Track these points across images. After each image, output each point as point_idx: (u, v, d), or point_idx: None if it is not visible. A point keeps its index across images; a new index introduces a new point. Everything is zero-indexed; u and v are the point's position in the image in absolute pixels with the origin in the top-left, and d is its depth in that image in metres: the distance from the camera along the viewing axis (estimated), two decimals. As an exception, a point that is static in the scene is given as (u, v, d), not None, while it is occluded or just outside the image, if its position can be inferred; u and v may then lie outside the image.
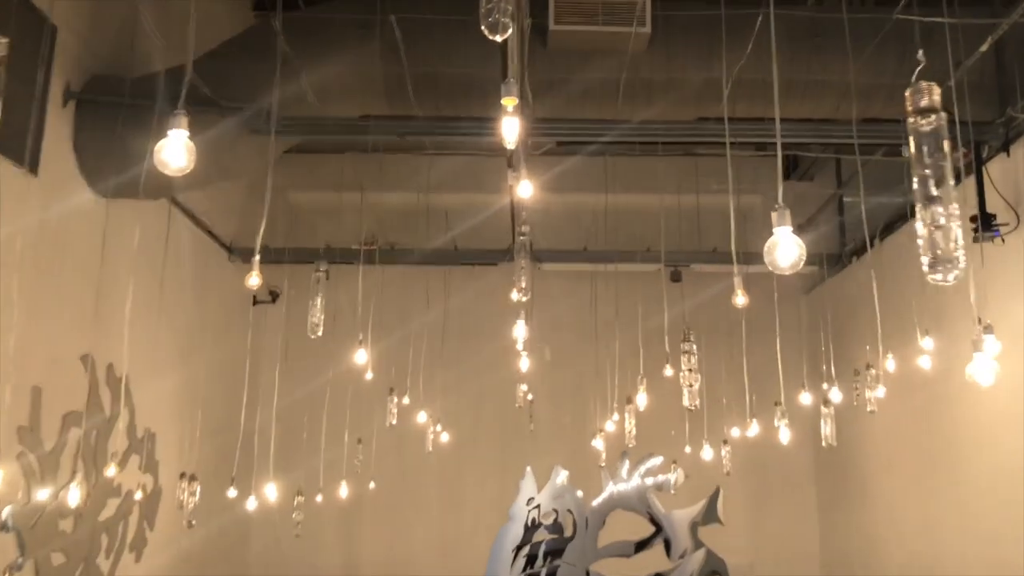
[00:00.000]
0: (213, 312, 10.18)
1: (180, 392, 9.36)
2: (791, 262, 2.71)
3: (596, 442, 9.18)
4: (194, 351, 9.75)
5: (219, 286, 10.38)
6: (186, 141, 3.42)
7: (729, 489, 10.61)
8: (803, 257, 2.67)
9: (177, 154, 3.42)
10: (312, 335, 4.97)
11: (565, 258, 11.24)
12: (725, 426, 9.42)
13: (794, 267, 2.64)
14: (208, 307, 10.10)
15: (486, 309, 11.34)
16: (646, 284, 10.56)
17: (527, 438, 11.55)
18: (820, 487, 12.18)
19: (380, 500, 11.66)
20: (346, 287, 11.33)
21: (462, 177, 12.42)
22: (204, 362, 9.80)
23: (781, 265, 2.74)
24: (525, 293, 4.08)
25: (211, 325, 10.05)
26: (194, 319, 9.82)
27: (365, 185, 11.70)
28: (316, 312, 4.89)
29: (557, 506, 10.43)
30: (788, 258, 2.73)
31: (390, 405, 7.37)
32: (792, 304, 12.26)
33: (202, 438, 9.79)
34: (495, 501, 10.99)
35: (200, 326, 9.95)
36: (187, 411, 9.47)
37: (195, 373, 9.64)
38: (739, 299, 4.91)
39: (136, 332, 8.37)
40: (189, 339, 9.68)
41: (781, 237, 2.74)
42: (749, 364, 10.33)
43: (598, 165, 11.86)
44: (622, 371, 9.54)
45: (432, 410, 9.70)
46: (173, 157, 3.42)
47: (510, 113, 2.46)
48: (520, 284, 4.09)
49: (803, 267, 10.64)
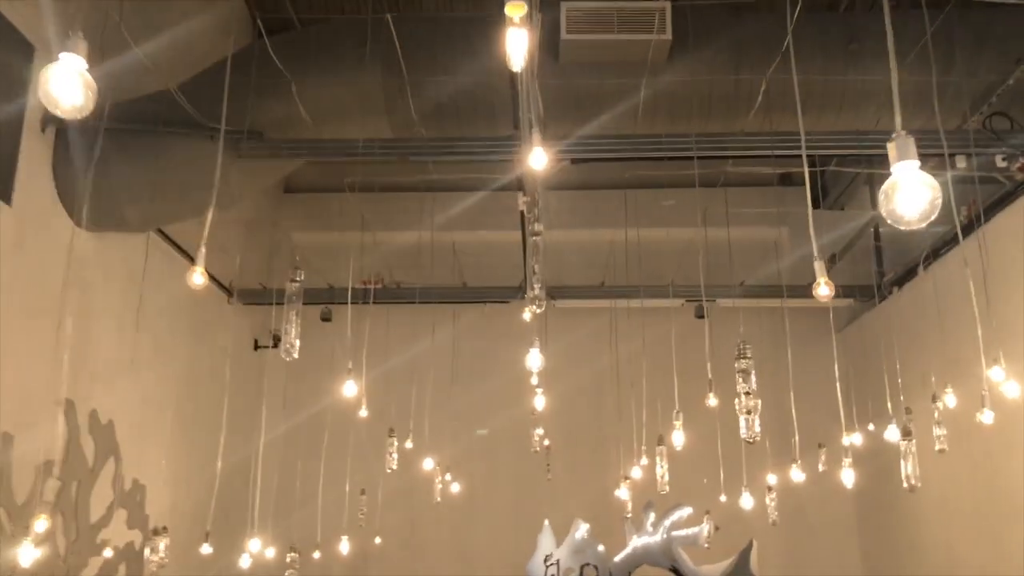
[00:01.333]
0: (211, 357, 9.59)
1: (174, 441, 8.73)
2: (920, 211, 1.92)
3: (621, 491, 8.42)
4: (189, 398, 9.15)
5: (217, 330, 9.81)
6: (83, 72, 2.50)
7: (764, 540, 9.88)
8: (936, 204, 1.88)
9: (68, 86, 2.45)
10: (287, 357, 4.37)
11: (581, 294, 10.62)
12: (762, 471, 8.66)
13: (924, 218, 1.90)
14: (206, 351, 9.52)
15: (498, 350, 10.70)
16: (668, 321, 9.89)
17: (544, 487, 10.81)
18: (863, 536, 11.30)
19: (387, 555, 10.94)
20: (351, 328, 10.80)
21: (471, 215, 11.92)
22: (200, 409, 9.19)
23: (907, 216, 1.93)
24: (539, 305, 3.45)
25: (208, 370, 9.45)
26: (190, 364, 9.25)
27: (371, 225, 11.22)
28: (292, 329, 4.29)
29: (578, 562, 9.74)
30: (916, 205, 1.91)
31: (390, 448, 6.71)
32: (825, 345, 11.54)
33: (197, 490, 9.15)
34: (509, 556, 10.29)
35: (196, 371, 9.37)
36: (182, 462, 8.84)
37: (190, 421, 9.03)
38: (822, 289, 3.86)
39: (125, 377, 7.80)
40: (185, 385, 9.10)
41: (903, 176, 1.92)
42: (783, 407, 9.64)
43: (613, 200, 11.34)
44: (648, 412, 8.84)
45: (441, 457, 9.01)
46: (64, 90, 2.47)
47: (516, 24, 1.89)
48: (533, 292, 3.47)
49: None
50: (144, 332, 8.21)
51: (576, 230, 11.86)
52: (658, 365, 9.52)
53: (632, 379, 9.06)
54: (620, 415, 8.79)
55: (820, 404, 8.79)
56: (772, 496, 7.95)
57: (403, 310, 10.45)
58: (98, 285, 7.19)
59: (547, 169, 7.65)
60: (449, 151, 6.69)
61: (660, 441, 6.37)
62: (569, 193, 12.06)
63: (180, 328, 8.75)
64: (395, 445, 6.79)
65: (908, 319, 9.47)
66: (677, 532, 9.99)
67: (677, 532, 9.99)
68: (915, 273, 9.36)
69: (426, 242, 10.98)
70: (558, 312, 11.10)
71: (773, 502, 7.91)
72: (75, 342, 6.81)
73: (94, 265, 7.12)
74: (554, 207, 11.58)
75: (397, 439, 6.86)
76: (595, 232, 11.65)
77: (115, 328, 7.51)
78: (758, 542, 9.74)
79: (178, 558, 8.70)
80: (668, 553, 9.93)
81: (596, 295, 10.47)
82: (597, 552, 9.83)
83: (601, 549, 9.85)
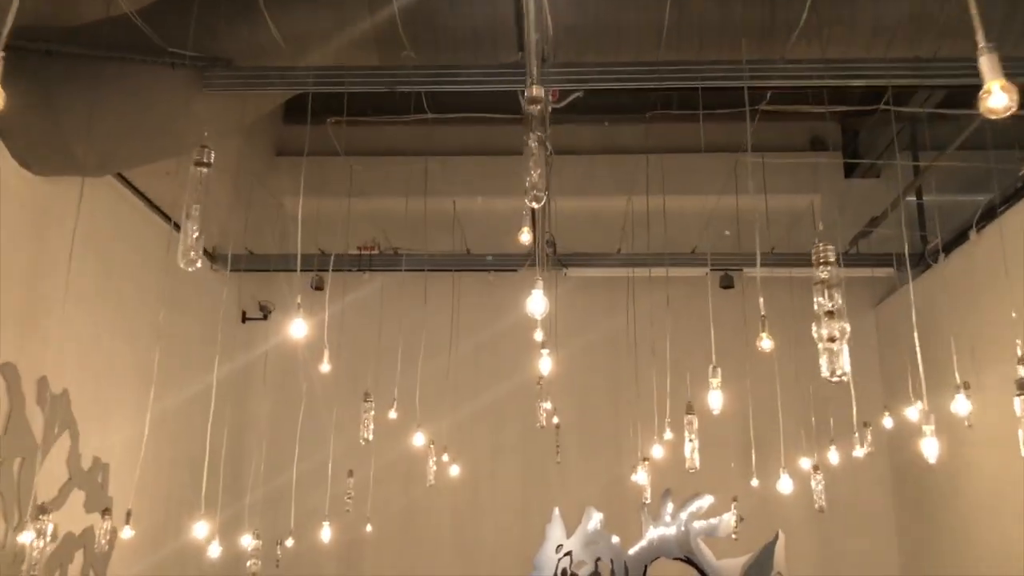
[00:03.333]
0: (190, 326, 8.78)
1: (144, 416, 7.92)
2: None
3: (639, 475, 7.57)
4: (163, 370, 8.33)
5: (198, 297, 8.99)
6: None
7: (793, 532, 9.06)
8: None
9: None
10: (187, 267, 3.49)
11: (596, 262, 9.74)
12: (792, 455, 7.78)
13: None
14: (184, 320, 8.70)
15: (504, 323, 9.87)
16: (691, 292, 9.02)
17: (553, 471, 10.02)
18: (902, 530, 10.38)
19: (382, 545, 10.19)
20: (343, 298, 9.98)
21: (475, 180, 11.10)
22: (177, 383, 8.39)
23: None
24: (539, 199, 2.53)
25: (187, 341, 8.64)
26: (164, 333, 8.42)
27: (369, 190, 10.42)
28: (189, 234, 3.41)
29: (590, 555, 9.00)
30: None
31: (365, 415, 5.84)
32: (860, 319, 10.72)
33: (170, 471, 8.36)
34: (516, 547, 9.58)
35: (172, 342, 8.55)
36: (153, 439, 8.02)
37: (163, 396, 8.21)
38: None
39: (85, 343, 7.00)
40: (160, 356, 8.27)
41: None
42: (814, 386, 8.82)
43: (630, 165, 10.48)
44: (670, 385, 7.98)
45: (436, 436, 8.17)
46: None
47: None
48: (534, 177, 2.53)
49: (878, 269, 8.59)
50: (108, 295, 7.42)
51: (590, 197, 10.99)
52: (680, 339, 8.69)
53: (652, 353, 8.16)
54: (639, 392, 7.91)
55: (859, 385, 7.96)
56: (818, 479, 7.01)
57: (400, 279, 9.63)
58: (51, 238, 6.37)
59: (554, 101, 6.79)
60: (444, 79, 5.82)
61: (689, 409, 5.44)
62: (585, 158, 11.26)
63: (151, 293, 7.93)
64: (372, 412, 5.90)
65: (958, 288, 8.54)
66: (698, 523, 9.27)
67: (698, 523, 9.27)
68: (966, 238, 8.45)
69: (426, 209, 10.16)
70: (570, 283, 10.25)
71: (820, 485, 6.99)
72: (21, 302, 6.01)
73: (46, 214, 6.31)
74: (567, 172, 10.75)
75: (375, 404, 5.95)
76: (610, 200, 10.77)
77: (73, 289, 6.69)
78: (788, 534, 8.94)
79: (150, 543, 7.95)
80: (686, 545, 9.18)
81: (612, 263, 9.59)
82: (611, 544, 9.12)
83: (615, 541, 9.13)
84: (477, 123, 11.11)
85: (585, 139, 11.41)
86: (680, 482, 7.88)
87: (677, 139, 10.91)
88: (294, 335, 5.14)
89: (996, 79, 1.93)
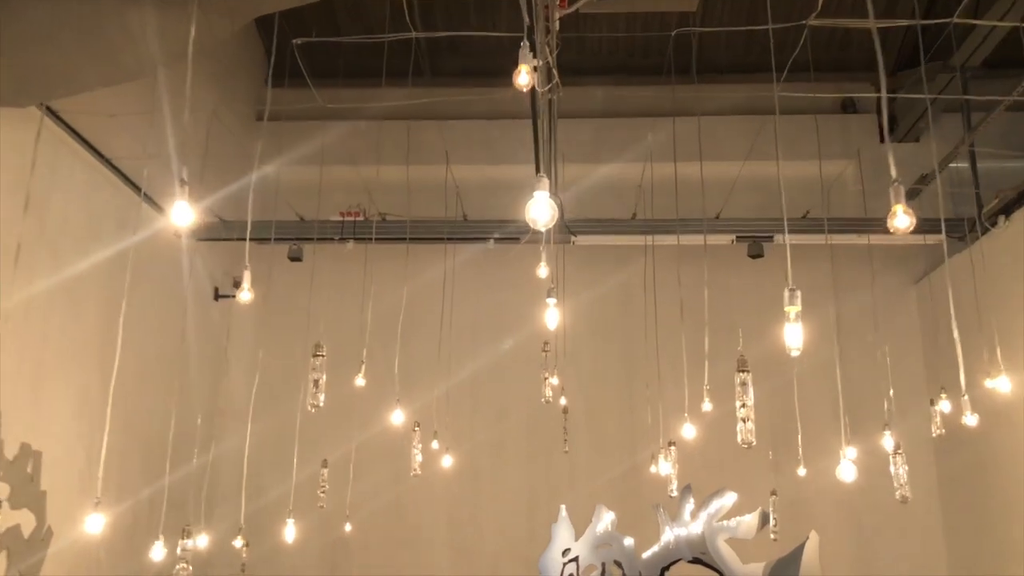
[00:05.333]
0: (152, 301, 7.80)
1: (87, 399, 6.93)
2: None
3: (663, 465, 6.59)
4: (114, 347, 7.35)
5: (160, 268, 8.00)
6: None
7: (828, 529, 8.31)
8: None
9: None
10: None
11: (608, 228, 8.75)
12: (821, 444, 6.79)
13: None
14: (145, 294, 7.73)
15: (507, 298, 8.89)
16: (713, 265, 8.05)
17: (561, 463, 9.10)
18: (951, 532, 9.35)
19: (369, 546, 9.32)
20: (324, 271, 9.01)
21: (475, 146, 10.17)
22: (133, 363, 7.40)
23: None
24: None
25: (143, 314, 7.66)
26: (119, 306, 7.44)
27: (357, 158, 9.47)
28: None
29: (600, 558, 8.11)
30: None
31: (313, 372, 4.75)
32: (899, 297, 9.74)
33: (120, 461, 7.35)
34: (519, 550, 8.78)
35: (129, 316, 7.55)
36: (100, 426, 7.03)
37: (117, 377, 7.22)
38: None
39: (12, 312, 6.00)
40: (109, 332, 7.28)
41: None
42: (850, 371, 7.88)
43: (643, 129, 9.55)
44: (689, 372, 7.01)
45: (427, 421, 7.19)
46: None
47: None
48: None
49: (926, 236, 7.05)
50: (42, 258, 6.41)
51: (601, 164, 10.08)
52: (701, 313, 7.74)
53: (681, 317, 7.17)
54: (659, 373, 6.91)
55: (899, 369, 7.05)
56: (899, 456, 5.86)
57: (388, 250, 8.65)
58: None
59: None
60: None
61: (741, 366, 4.38)
62: (592, 122, 10.46)
63: (100, 257, 6.95)
64: (319, 365, 4.82)
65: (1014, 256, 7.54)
66: (724, 523, 8.40)
67: (724, 523, 8.40)
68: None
69: (419, 176, 9.22)
70: (579, 253, 9.26)
71: (903, 468, 5.89)
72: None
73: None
74: (575, 138, 9.80)
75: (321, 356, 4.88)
76: (623, 167, 9.84)
77: None
78: (826, 534, 7.99)
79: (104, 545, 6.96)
80: (699, 545, 8.32)
81: (626, 230, 8.58)
82: (623, 547, 8.23)
83: (628, 543, 8.23)
84: (475, 85, 10.24)
85: (594, 102, 10.50)
86: (711, 473, 6.89)
87: (695, 102, 9.98)
88: (242, 300, 4.91)
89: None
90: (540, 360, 6.16)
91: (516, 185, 9.57)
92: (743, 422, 4.07)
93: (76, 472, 6.71)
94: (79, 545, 6.52)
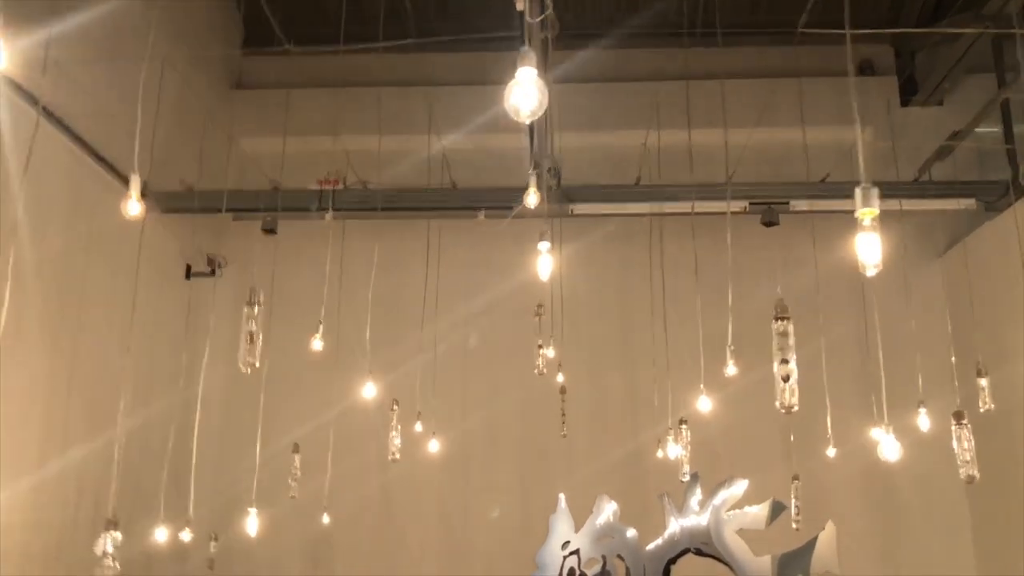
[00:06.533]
0: (110, 276, 7.28)
1: (43, 379, 6.43)
2: None
3: (672, 448, 6.09)
4: (70, 332, 6.85)
5: (121, 242, 7.46)
6: None
7: (846, 521, 7.66)
8: None
9: None
10: None
11: (609, 196, 8.22)
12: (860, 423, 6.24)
13: None
14: (103, 269, 7.20)
15: (499, 273, 8.38)
16: (722, 237, 7.56)
17: (559, 448, 8.58)
18: (979, 527, 8.84)
19: (355, 542, 8.95)
20: (300, 246, 8.45)
21: (465, 114, 9.64)
22: (88, 348, 6.92)
23: None
24: None
25: (103, 295, 7.15)
26: (72, 282, 6.93)
27: (341, 128, 8.93)
28: None
29: (602, 551, 7.79)
30: None
31: (247, 322, 4.12)
32: (924, 270, 9.22)
33: (77, 463, 6.82)
34: (515, 542, 8.38)
35: (85, 294, 7.05)
36: (55, 422, 6.51)
37: (69, 365, 6.73)
38: None
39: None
40: (61, 312, 6.76)
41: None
42: (865, 352, 7.38)
43: (646, 95, 9.04)
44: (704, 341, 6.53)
45: (410, 401, 6.69)
46: None
47: None
48: None
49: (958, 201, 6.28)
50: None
51: (600, 132, 9.72)
52: (712, 285, 7.21)
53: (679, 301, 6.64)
54: (666, 343, 6.36)
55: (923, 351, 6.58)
56: (964, 427, 5.17)
57: (372, 224, 8.14)
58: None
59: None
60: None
61: (780, 311, 3.62)
62: (591, 87, 9.94)
63: (53, 230, 6.41)
64: (255, 333, 4.19)
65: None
66: (731, 513, 7.94)
67: (731, 513, 7.94)
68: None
69: (404, 146, 8.71)
70: (577, 225, 8.72)
71: (969, 443, 5.21)
72: None
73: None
74: (573, 104, 9.26)
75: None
76: (624, 134, 9.43)
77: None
78: (841, 525, 7.46)
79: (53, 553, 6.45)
80: (702, 535, 7.91)
81: (629, 197, 8.04)
82: (626, 539, 7.82)
83: (631, 535, 7.80)
84: (465, 50, 9.78)
85: (593, 66, 9.97)
86: (723, 457, 6.36)
87: (699, 65, 9.48)
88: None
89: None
90: (534, 326, 5.63)
91: (510, 156, 9.18)
92: (783, 381, 3.41)
93: (30, 459, 6.21)
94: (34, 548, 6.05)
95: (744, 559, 8.16)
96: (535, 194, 3.98)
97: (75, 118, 6.81)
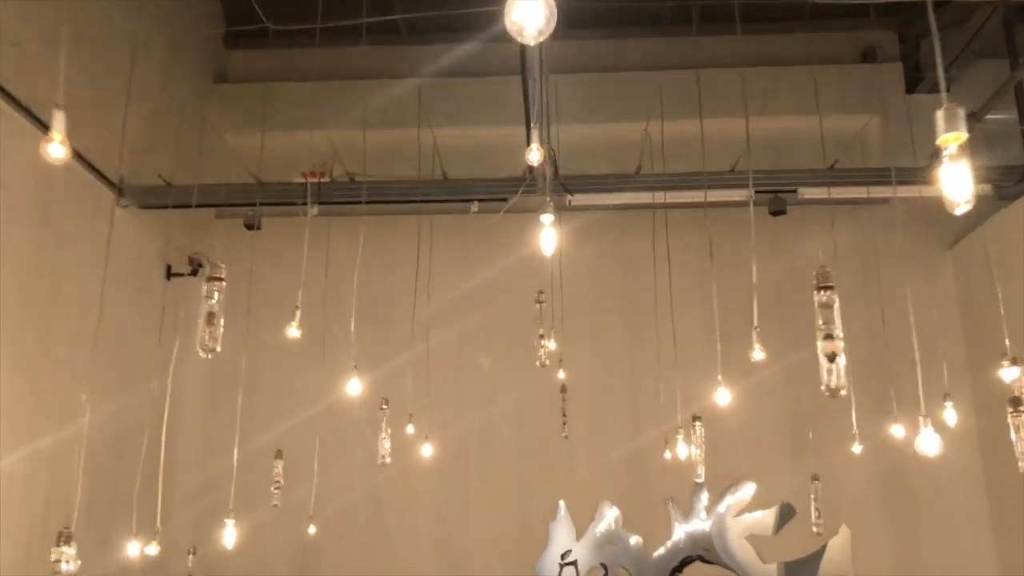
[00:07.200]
0: (88, 274, 6.94)
1: (6, 383, 6.07)
2: None
3: (681, 449, 5.79)
4: (39, 331, 6.49)
5: (100, 238, 7.12)
6: None
7: (862, 523, 7.61)
8: None
9: None
10: None
11: (609, 185, 7.95)
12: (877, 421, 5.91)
13: None
14: (80, 267, 6.89)
15: (494, 266, 8.09)
16: (727, 228, 7.27)
17: (559, 450, 8.41)
18: (999, 530, 8.61)
19: (345, 551, 8.65)
20: (285, 241, 8.12)
21: (459, 107, 9.45)
22: (61, 351, 6.56)
23: None
24: None
25: (82, 293, 6.80)
26: (41, 280, 6.57)
27: (328, 122, 8.67)
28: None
29: (604, 560, 7.58)
30: None
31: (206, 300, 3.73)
32: (930, 264, 8.97)
33: (40, 469, 6.42)
34: (513, 551, 8.19)
35: (56, 293, 6.70)
36: (14, 424, 6.13)
37: (35, 366, 6.36)
38: None
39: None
40: (28, 311, 6.39)
41: None
42: (874, 348, 7.07)
43: (645, 85, 8.80)
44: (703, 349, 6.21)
45: (402, 404, 6.36)
46: None
47: None
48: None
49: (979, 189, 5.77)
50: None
51: (598, 124, 9.56)
52: (720, 277, 6.93)
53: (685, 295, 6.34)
54: (673, 335, 6.05)
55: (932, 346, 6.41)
56: (1021, 417, 4.81)
57: (362, 219, 7.84)
58: None
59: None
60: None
61: (822, 280, 3.22)
62: (588, 76, 9.76)
63: (22, 222, 6.06)
64: (215, 314, 3.82)
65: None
66: (736, 519, 7.63)
67: (736, 519, 7.63)
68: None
69: (394, 140, 8.44)
70: (577, 218, 8.44)
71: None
72: None
73: None
74: (569, 94, 9.02)
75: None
76: (623, 125, 9.17)
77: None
78: (856, 527, 7.21)
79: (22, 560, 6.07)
80: (705, 541, 7.65)
81: (629, 186, 7.76)
82: (629, 546, 7.61)
83: (635, 542, 7.58)
84: (452, 40, 9.72)
85: (590, 56, 9.76)
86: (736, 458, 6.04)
87: (698, 54, 9.27)
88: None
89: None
90: (531, 323, 5.31)
91: (503, 149, 8.92)
92: (829, 360, 3.02)
93: None
94: None
95: (750, 565, 7.87)
96: (538, 150, 3.65)
97: (43, 106, 6.47)
